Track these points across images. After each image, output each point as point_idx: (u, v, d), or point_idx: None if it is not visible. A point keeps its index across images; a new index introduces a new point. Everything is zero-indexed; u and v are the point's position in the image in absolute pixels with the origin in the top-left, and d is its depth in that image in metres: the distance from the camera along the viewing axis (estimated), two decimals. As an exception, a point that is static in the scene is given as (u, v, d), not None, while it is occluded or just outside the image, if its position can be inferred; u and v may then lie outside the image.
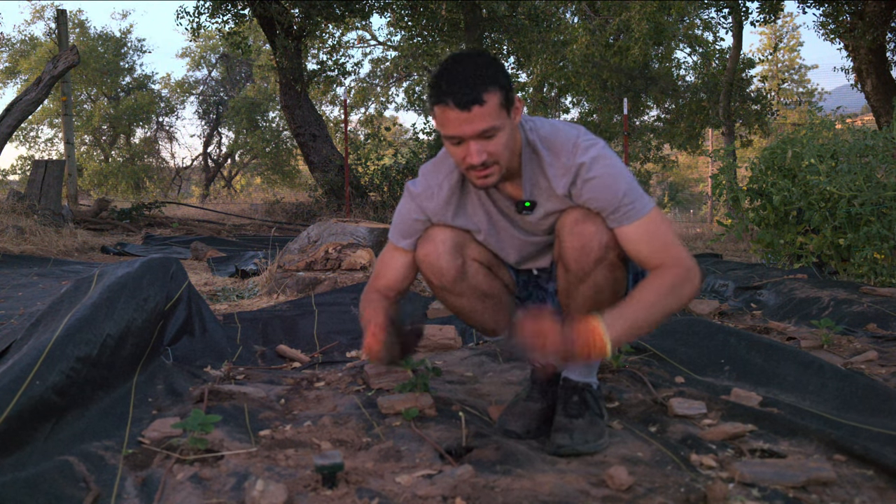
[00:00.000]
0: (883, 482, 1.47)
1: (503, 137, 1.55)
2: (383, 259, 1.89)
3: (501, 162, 1.58)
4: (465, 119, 1.51)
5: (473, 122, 1.51)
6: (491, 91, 1.51)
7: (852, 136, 5.03)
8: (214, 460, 1.59)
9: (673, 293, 1.55)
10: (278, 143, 22.17)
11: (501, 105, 1.53)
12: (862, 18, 11.91)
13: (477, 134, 1.52)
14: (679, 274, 1.56)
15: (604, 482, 1.48)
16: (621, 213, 1.61)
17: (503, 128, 1.54)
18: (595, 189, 1.61)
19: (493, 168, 1.58)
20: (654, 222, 1.61)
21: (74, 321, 1.97)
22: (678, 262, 1.58)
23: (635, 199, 1.61)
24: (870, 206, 4.33)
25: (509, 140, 1.58)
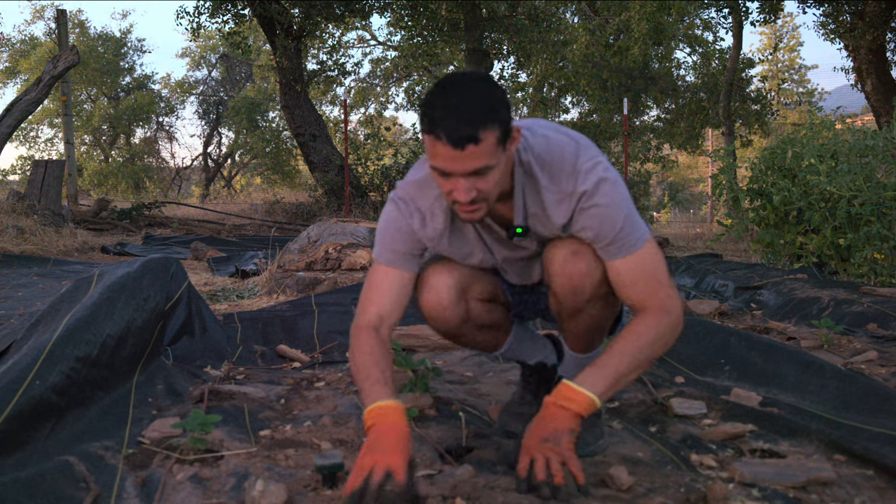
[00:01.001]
0: (883, 482, 1.47)
1: (496, 175, 1.41)
2: (372, 282, 1.63)
3: (490, 198, 1.45)
4: (457, 156, 1.36)
5: (466, 161, 1.36)
6: (489, 128, 1.35)
7: (852, 136, 5.03)
8: (214, 460, 1.59)
9: (657, 343, 1.47)
10: (278, 143, 22.17)
11: (498, 141, 1.37)
12: (862, 18, 11.91)
13: (468, 173, 1.38)
14: (664, 323, 1.47)
15: (604, 482, 1.48)
16: (616, 246, 1.49)
17: (497, 164, 1.40)
18: (593, 218, 1.49)
19: (480, 204, 1.44)
20: (647, 258, 1.50)
21: (74, 321, 1.97)
22: (665, 307, 1.48)
23: (631, 231, 1.49)
24: (870, 206, 4.33)
25: (503, 176, 1.45)
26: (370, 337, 1.56)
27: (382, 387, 1.46)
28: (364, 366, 1.52)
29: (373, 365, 1.51)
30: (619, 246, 1.49)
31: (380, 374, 1.49)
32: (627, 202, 1.50)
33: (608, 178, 1.49)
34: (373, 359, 1.52)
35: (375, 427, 1.40)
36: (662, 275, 1.50)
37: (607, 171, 1.50)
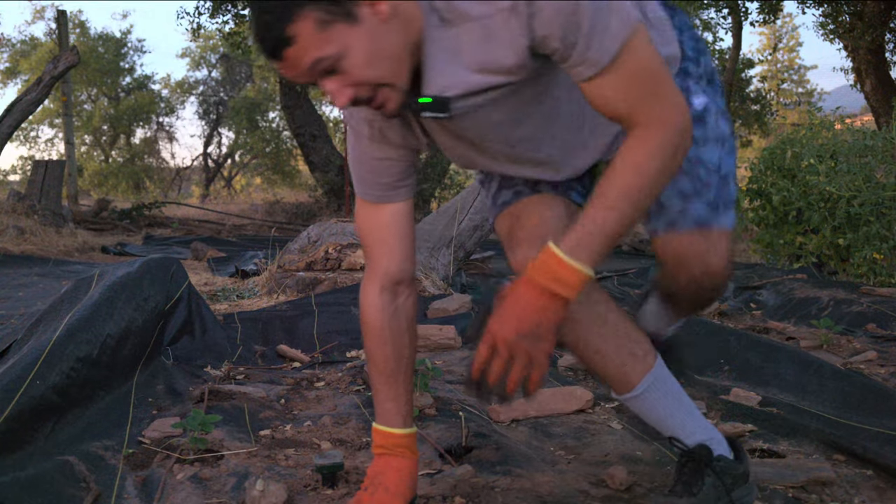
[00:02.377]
0: (882, 482, 1.48)
1: (358, 56, 1.07)
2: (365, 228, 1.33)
3: (383, 79, 1.09)
4: (286, 66, 1.09)
5: (297, 67, 1.08)
6: (298, 19, 1.04)
7: (852, 136, 5.04)
8: (214, 460, 1.59)
9: (661, 173, 1.07)
10: (278, 143, 22.16)
11: (324, 23, 1.04)
12: (861, 19, 11.90)
13: (309, 77, 1.10)
14: (666, 142, 1.07)
15: (604, 482, 1.48)
16: (590, 54, 1.04)
17: (349, 47, 1.06)
18: (547, 23, 1.04)
19: (381, 94, 1.11)
20: (636, 63, 1.06)
21: (74, 321, 1.97)
22: (663, 119, 1.07)
23: (607, 25, 1.04)
24: (869, 206, 4.33)
25: (374, 52, 1.07)
26: (380, 313, 1.31)
27: (393, 405, 1.32)
28: (374, 362, 1.33)
29: (383, 367, 1.32)
30: (595, 51, 1.04)
31: (389, 390, 1.32)
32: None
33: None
34: (382, 355, 1.31)
35: (382, 458, 1.32)
36: (660, 81, 1.08)
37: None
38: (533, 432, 1.81)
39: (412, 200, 1.33)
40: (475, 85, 1.10)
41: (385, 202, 1.30)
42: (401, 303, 1.32)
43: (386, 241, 1.30)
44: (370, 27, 1.06)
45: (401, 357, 1.32)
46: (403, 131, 1.24)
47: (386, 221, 1.30)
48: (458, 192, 10.43)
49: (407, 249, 1.31)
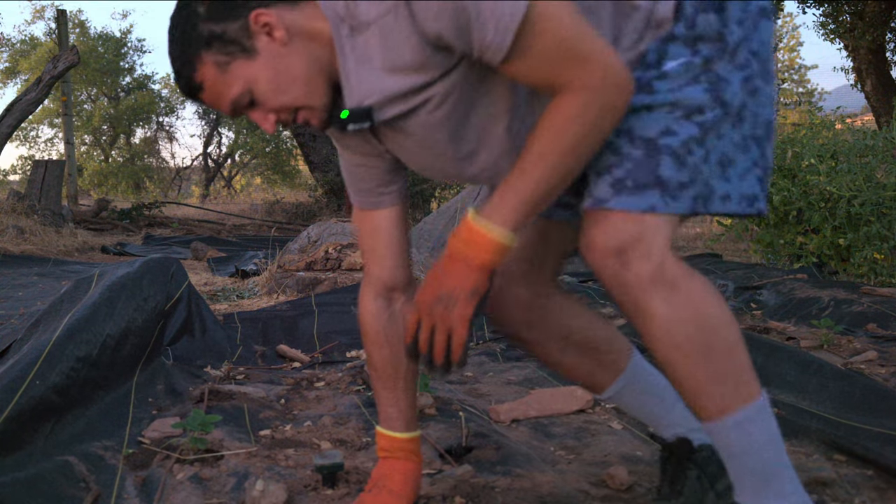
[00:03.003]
0: (883, 482, 1.47)
1: (265, 86, 1.07)
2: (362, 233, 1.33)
3: (297, 101, 1.09)
4: (213, 105, 1.11)
5: (219, 106, 1.10)
6: (198, 66, 1.06)
7: (852, 136, 5.04)
8: (214, 460, 1.59)
9: (587, 136, 1.01)
10: (278, 143, 22.16)
11: (223, 64, 1.05)
12: (862, 18, 11.90)
13: (236, 113, 1.11)
14: (590, 104, 1.00)
15: (604, 482, 1.48)
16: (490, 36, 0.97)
17: (254, 80, 1.06)
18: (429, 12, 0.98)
19: (300, 116, 1.11)
20: (546, 28, 0.98)
21: (74, 321, 1.97)
22: (585, 82, 0.99)
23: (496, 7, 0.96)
24: (870, 206, 4.33)
25: (280, 78, 1.07)
26: (376, 320, 1.32)
27: (394, 409, 1.32)
28: (374, 367, 1.33)
29: (382, 371, 1.32)
30: (492, 35, 0.97)
31: (390, 394, 1.32)
32: None
33: None
34: (381, 359, 1.31)
35: (387, 461, 1.33)
36: (577, 43, 0.99)
37: None
38: (533, 432, 1.81)
39: (400, 207, 1.30)
40: (392, 88, 1.06)
41: (371, 208, 1.28)
42: (397, 308, 1.31)
43: (376, 248, 1.30)
44: (270, 55, 1.06)
45: (399, 362, 1.31)
46: (359, 140, 1.22)
47: (374, 228, 1.29)
48: (458, 192, 10.43)
49: (397, 257, 1.30)
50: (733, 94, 1.09)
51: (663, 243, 1.06)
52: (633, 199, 1.06)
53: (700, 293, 1.05)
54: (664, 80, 1.08)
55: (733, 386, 1.06)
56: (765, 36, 1.14)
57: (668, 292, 1.03)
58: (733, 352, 1.06)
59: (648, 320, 1.05)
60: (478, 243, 1.04)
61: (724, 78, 1.08)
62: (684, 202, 1.07)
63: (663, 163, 1.06)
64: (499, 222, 1.03)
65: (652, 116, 1.08)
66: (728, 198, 1.10)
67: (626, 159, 1.07)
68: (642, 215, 1.06)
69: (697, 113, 1.07)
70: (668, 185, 1.06)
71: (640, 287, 1.04)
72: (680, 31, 1.09)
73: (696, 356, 1.05)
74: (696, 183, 1.07)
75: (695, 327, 1.04)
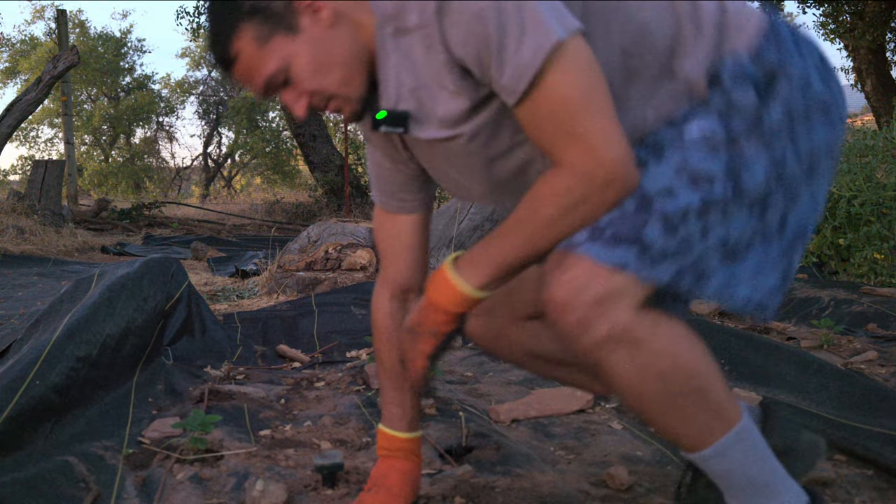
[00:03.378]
0: (883, 482, 1.47)
1: (303, 66, 1.04)
2: (379, 234, 1.32)
3: (332, 87, 1.06)
4: (241, 81, 1.09)
5: (251, 82, 1.08)
6: (237, 37, 1.03)
7: (852, 136, 5.04)
8: (214, 460, 1.59)
9: (563, 218, 0.97)
10: (278, 143, 22.16)
11: (263, 38, 1.03)
12: (862, 18, 11.90)
13: (268, 93, 1.09)
14: (574, 189, 0.95)
15: (604, 482, 1.48)
16: (505, 75, 0.94)
17: (293, 58, 1.04)
18: (459, 35, 0.95)
19: (333, 103, 1.08)
20: (554, 89, 0.94)
21: (74, 321, 1.97)
22: (576, 166, 0.95)
23: (521, 38, 0.92)
24: (870, 206, 4.33)
25: (320, 60, 1.04)
26: (389, 319, 1.31)
27: (399, 409, 1.32)
28: (382, 366, 1.33)
29: (390, 371, 1.32)
30: (508, 78, 0.94)
31: (395, 394, 1.32)
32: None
33: None
34: (390, 359, 1.31)
35: (386, 460, 1.33)
36: (582, 117, 0.94)
37: None
38: (533, 432, 1.81)
39: (423, 215, 1.28)
40: (427, 99, 1.03)
41: (391, 211, 1.27)
42: (410, 309, 1.27)
43: (393, 251, 1.29)
44: (312, 35, 1.03)
45: None
46: (386, 143, 1.19)
47: (394, 232, 1.28)
48: (458, 191, 10.41)
49: (415, 260, 1.29)
50: (754, 178, 1.00)
51: (629, 306, 0.98)
52: (606, 250, 0.98)
53: (667, 345, 0.99)
54: (681, 142, 1.02)
55: (707, 423, 1.03)
56: (818, 138, 1.06)
57: (631, 351, 0.98)
58: (705, 394, 1.02)
59: (610, 378, 1.02)
60: (446, 293, 1.05)
61: (748, 157, 1.00)
62: (663, 272, 0.99)
63: (651, 223, 0.99)
64: (469, 279, 1.03)
65: (657, 171, 1.01)
66: (728, 288, 1.02)
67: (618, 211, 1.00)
68: (612, 272, 0.98)
69: (706, 182, 0.99)
70: (649, 249, 0.98)
71: (599, 348, 0.99)
72: (714, 98, 1.03)
73: (665, 407, 1.02)
74: (683, 256, 0.99)
75: (661, 382, 1.00)
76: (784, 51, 1.06)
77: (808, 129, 1.05)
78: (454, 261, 1.06)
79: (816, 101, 1.05)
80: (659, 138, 1.04)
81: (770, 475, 1.08)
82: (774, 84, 1.03)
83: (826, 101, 1.07)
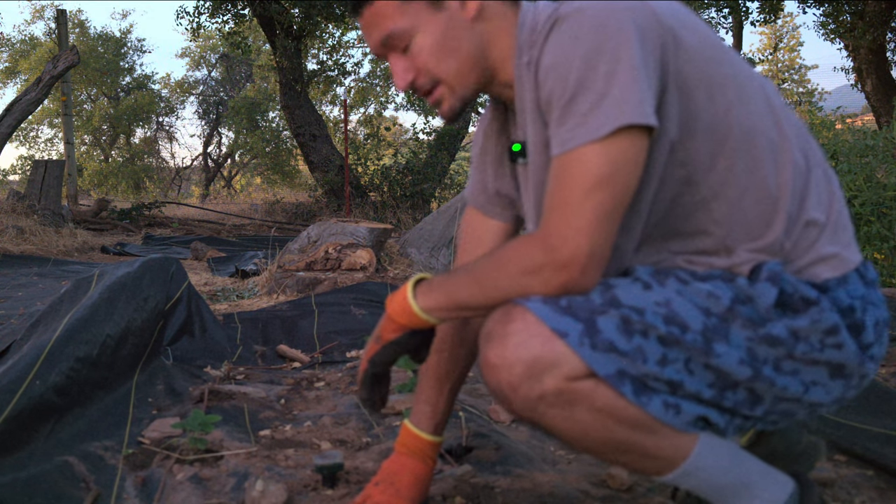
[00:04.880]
0: (883, 482, 1.47)
1: (428, 41, 1.04)
2: (463, 231, 1.31)
3: (444, 75, 1.06)
4: (363, 27, 1.08)
5: (372, 30, 1.06)
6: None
7: (852, 136, 5.04)
8: (214, 460, 1.59)
9: (513, 283, 0.97)
10: (278, 143, 22.16)
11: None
12: (862, 18, 11.91)
13: (378, 45, 1.07)
14: (536, 260, 0.95)
15: (604, 482, 1.48)
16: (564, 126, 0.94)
17: (422, 28, 1.04)
18: (543, 76, 0.97)
19: (437, 92, 1.08)
20: (581, 161, 0.92)
21: (74, 321, 1.97)
22: (548, 240, 0.94)
23: (595, 104, 0.91)
24: (870, 206, 4.33)
25: (445, 44, 1.04)
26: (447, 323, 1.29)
27: (430, 409, 1.31)
28: (428, 366, 1.32)
29: (434, 370, 1.31)
30: (568, 125, 0.93)
31: (431, 393, 1.31)
32: (599, 49, 0.91)
33: (584, 9, 0.94)
34: (438, 358, 1.30)
35: (401, 456, 1.31)
36: (584, 197, 0.92)
37: (595, 6, 0.94)
38: (533, 432, 1.81)
39: (510, 226, 1.27)
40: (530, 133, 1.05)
41: (479, 210, 1.28)
42: None
43: (474, 252, 1.28)
44: (451, 19, 1.04)
45: (455, 366, 1.31)
46: (496, 159, 1.21)
47: (478, 235, 1.28)
48: (458, 192, 10.44)
49: None
50: (726, 357, 0.96)
51: (562, 376, 0.94)
52: (554, 314, 0.94)
53: (606, 399, 0.95)
54: (684, 287, 0.99)
55: (664, 454, 1.00)
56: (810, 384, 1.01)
57: (567, 410, 0.96)
58: (655, 435, 0.98)
59: (552, 433, 1.01)
60: (397, 302, 1.08)
61: (731, 338, 0.96)
62: (603, 363, 0.93)
63: (609, 316, 0.94)
64: (422, 304, 1.05)
65: (641, 291, 0.97)
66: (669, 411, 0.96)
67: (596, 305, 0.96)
68: (552, 336, 0.94)
69: (679, 325, 0.95)
70: (597, 334, 0.93)
71: (532, 410, 0.97)
72: (740, 280, 1.00)
73: (616, 452, 1.00)
74: (632, 363, 0.94)
75: (606, 433, 0.97)
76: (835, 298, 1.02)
77: (804, 373, 1.01)
78: (418, 280, 1.08)
79: (831, 356, 1.01)
80: (671, 272, 1.01)
81: (746, 475, 1.07)
82: (801, 309, 1.00)
83: (845, 363, 1.02)
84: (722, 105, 0.99)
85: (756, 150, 1.00)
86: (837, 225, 1.06)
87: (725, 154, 1.00)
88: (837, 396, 1.05)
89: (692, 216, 1.02)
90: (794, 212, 1.02)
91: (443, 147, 11.76)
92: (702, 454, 1.01)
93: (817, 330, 0.99)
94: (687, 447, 1.01)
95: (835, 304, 1.02)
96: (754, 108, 1.01)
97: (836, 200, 1.08)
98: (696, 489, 1.06)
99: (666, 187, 1.01)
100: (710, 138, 0.99)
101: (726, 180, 1.00)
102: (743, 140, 1.00)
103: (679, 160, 0.99)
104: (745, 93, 1.01)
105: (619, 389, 0.94)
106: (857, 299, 1.03)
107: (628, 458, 1.01)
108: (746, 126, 1.00)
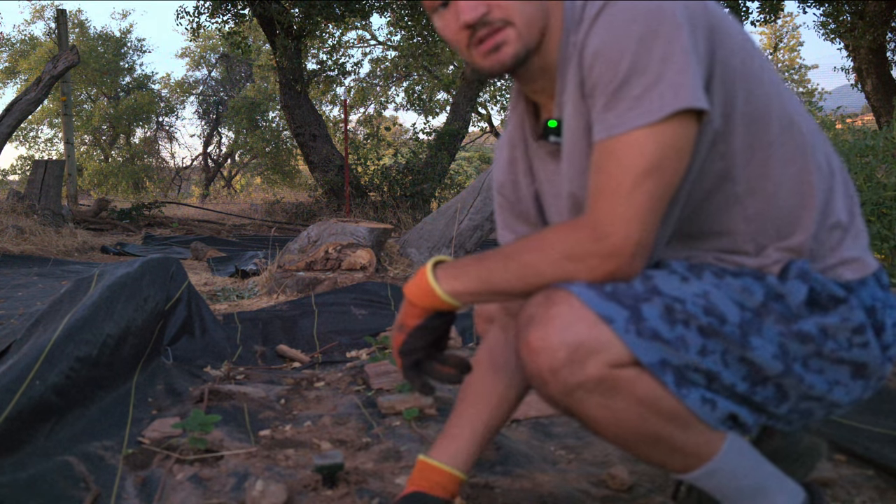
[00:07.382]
0: (883, 482, 1.47)
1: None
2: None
3: (519, 21, 0.99)
4: None
5: None
6: None
7: (852, 136, 5.04)
8: (214, 460, 1.59)
9: (554, 266, 0.96)
10: (278, 143, 22.16)
11: None
12: (862, 18, 11.91)
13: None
14: (582, 244, 0.94)
15: (604, 482, 1.48)
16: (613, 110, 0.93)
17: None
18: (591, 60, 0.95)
19: (503, 32, 1.00)
20: (633, 147, 0.91)
21: (74, 321, 1.97)
22: (598, 225, 0.93)
23: (649, 87, 0.90)
24: (870, 206, 4.33)
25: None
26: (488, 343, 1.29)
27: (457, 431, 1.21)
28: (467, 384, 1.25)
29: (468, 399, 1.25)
30: (618, 109, 0.92)
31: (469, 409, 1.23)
32: (654, 33, 0.90)
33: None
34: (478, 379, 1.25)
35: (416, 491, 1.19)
36: (634, 184, 0.91)
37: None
38: (533, 432, 1.81)
39: None
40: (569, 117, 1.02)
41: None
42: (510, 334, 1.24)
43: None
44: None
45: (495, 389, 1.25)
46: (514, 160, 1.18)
47: None
48: (458, 192, 10.43)
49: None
50: (762, 349, 0.96)
51: (604, 363, 0.93)
52: (599, 299, 0.93)
53: (647, 388, 0.94)
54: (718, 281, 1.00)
55: (694, 450, 1.00)
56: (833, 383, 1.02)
57: (606, 398, 0.95)
58: (687, 430, 0.98)
59: (585, 422, 1.00)
60: (422, 291, 1.04)
61: (767, 330, 0.97)
62: (647, 351, 0.93)
63: (653, 303, 0.94)
64: (448, 287, 1.02)
65: (681, 284, 0.98)
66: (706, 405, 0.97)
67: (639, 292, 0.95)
68: (597, 320, 0.93)
69: (717, 317, 0.96)
70: (642, 321, 0.93)
71: (570, 396, 0.95)
72: (770, 278, 1.01)
73: (647, 444, 0.99)
74: (674, 352, 0.94)
75: (640, 423, 0.96)
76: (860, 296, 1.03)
77: (829, 371, 1.02)
78: (435, 263, 1.06)
79: (857, 354, 1.02)
80: (705, 266, 1.02)
81: (764, 479, 1.07)
82: (831, 307, 1.01)
83: (868, 363, 1.03)
84: (761, 98, 0.99)
85: (793, 143, 1.01)
86: (858, 230, 1.07)
87: (762, 146, 1.00)
88: (855, 398, 1.05)
89: (725, 212, 1.03)
90: (822, 211, 1.03)
91: (443, 147, 11.76)
92: (728, 454, 1.01)
93: (846, 328, 1.00)
94: (715, 445, 1.00)
95: (861, 303, 1.02)
96: (788, 101, 1.02)
97: (856, 205, 1.09)
98: (714, 489, 1.06)
99: (704, 179, 1.00)
100: (748, 130, 0.99)
101: (763, 174, 1.01)
102: (780, 132, 1.01)
103: (720, 152, 0.99)
104: (780, 88, 1.02)
105: (662, 379, 0.93)
106: (877, 300, 1.04)
107: (656, 452, 1.01)
108: (784, 119, 1.01)
